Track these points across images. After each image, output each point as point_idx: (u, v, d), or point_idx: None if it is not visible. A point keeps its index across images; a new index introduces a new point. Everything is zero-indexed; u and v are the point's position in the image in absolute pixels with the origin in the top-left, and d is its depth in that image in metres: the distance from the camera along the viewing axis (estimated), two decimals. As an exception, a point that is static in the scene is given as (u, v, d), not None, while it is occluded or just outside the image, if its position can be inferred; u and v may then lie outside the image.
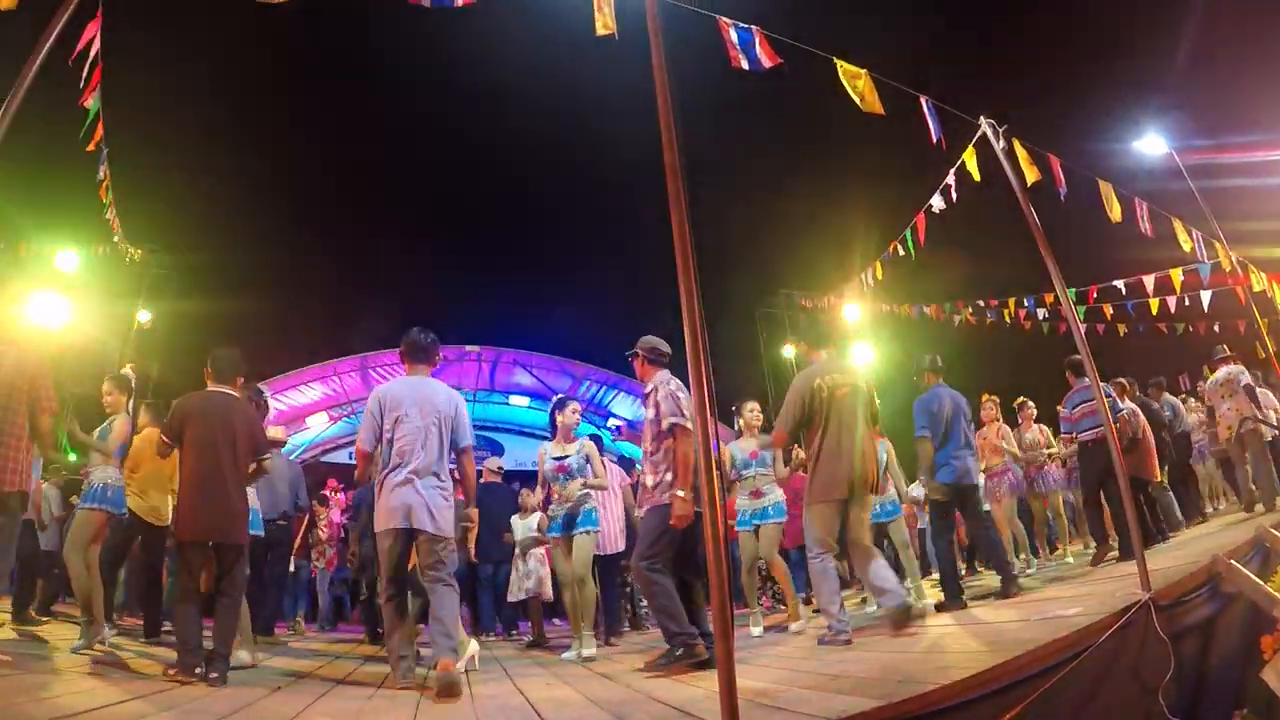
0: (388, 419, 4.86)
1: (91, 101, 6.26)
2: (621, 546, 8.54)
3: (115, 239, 12.18)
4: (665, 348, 5.66)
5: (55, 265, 14.84)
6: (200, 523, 4.90)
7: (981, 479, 8.89)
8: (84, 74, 5.76)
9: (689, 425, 5.18)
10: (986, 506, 8.88)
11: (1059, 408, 8.73)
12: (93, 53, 5.54)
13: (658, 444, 5.40)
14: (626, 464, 11.32)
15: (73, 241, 14.61)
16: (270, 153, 26.82)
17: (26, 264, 14.34)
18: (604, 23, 4.62)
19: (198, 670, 4.53)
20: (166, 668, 4.79)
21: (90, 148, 6.90)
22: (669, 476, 5.24)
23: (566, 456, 7.02)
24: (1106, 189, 6.85)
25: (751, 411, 7.75)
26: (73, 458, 8.93)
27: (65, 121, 6.66)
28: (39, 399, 5.10)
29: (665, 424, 5.32)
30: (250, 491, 5.97)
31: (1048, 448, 9.83)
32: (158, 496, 6.69)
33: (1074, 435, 8.32)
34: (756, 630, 7.32)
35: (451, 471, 5.08)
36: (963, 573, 10.10)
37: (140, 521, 6.68)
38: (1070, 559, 9.66)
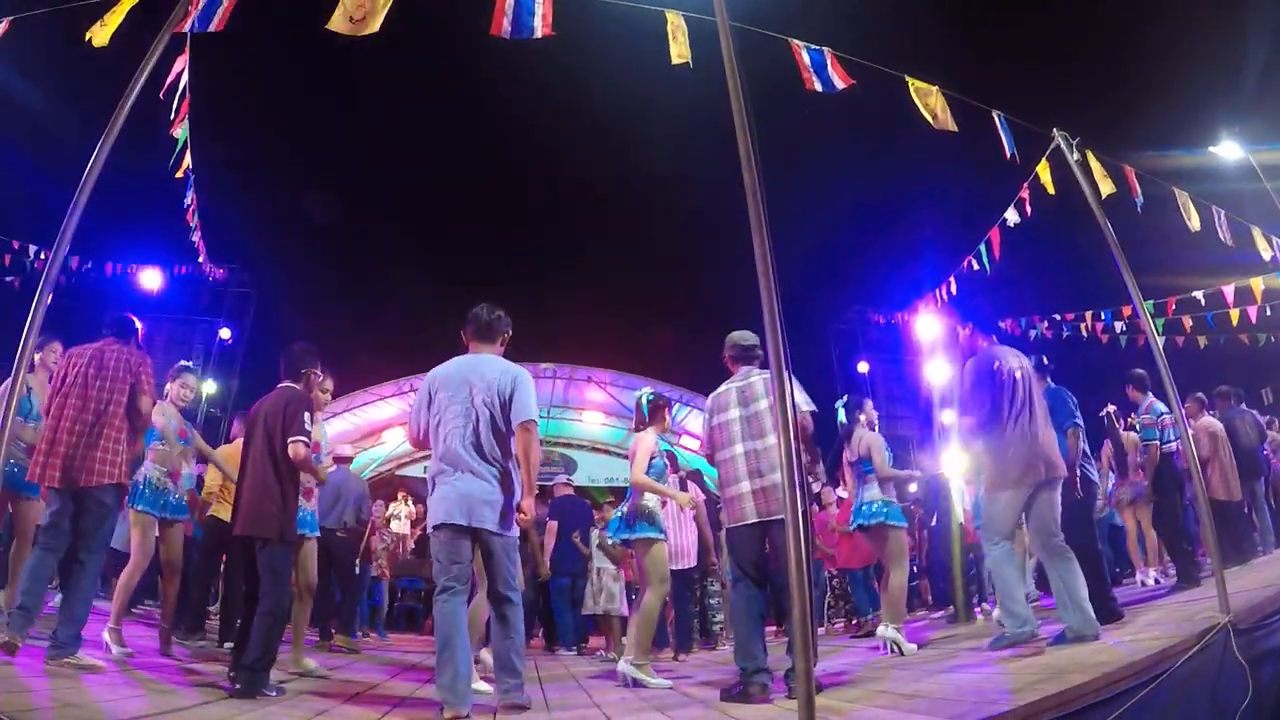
0: (436, 403, 4.51)
1: (180, 131, 6.58)
2: (694, 561, 8.52)
3: (200, 260, 12.66)
4: (745, 341, 5.35)
5: (139, 284, 15.52)
6: (236, 517, 4.94)
7: None
8: (174, 105, 6.06)
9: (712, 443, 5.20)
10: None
11: (1134, 423, 8.49)
12: (181, 85, 5.83)
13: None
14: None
15: (158, 262, 15.27)
16: (349, 174, 27.61)
17: (113, 283, 15.05)
18: (679, 52, 4.71)
19: (240, 687, 4.48)
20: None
21: (179, 174, 7.24)
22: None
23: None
24: (1184, 198, 6.71)
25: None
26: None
27: (155, 150, 7.00)
28: (140, 381, 5.21)
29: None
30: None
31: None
32: None
33: (1160, 444, 7.86)
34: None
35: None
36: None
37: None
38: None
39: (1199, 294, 11.82)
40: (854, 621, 9.61)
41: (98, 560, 5.00)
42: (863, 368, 23.53)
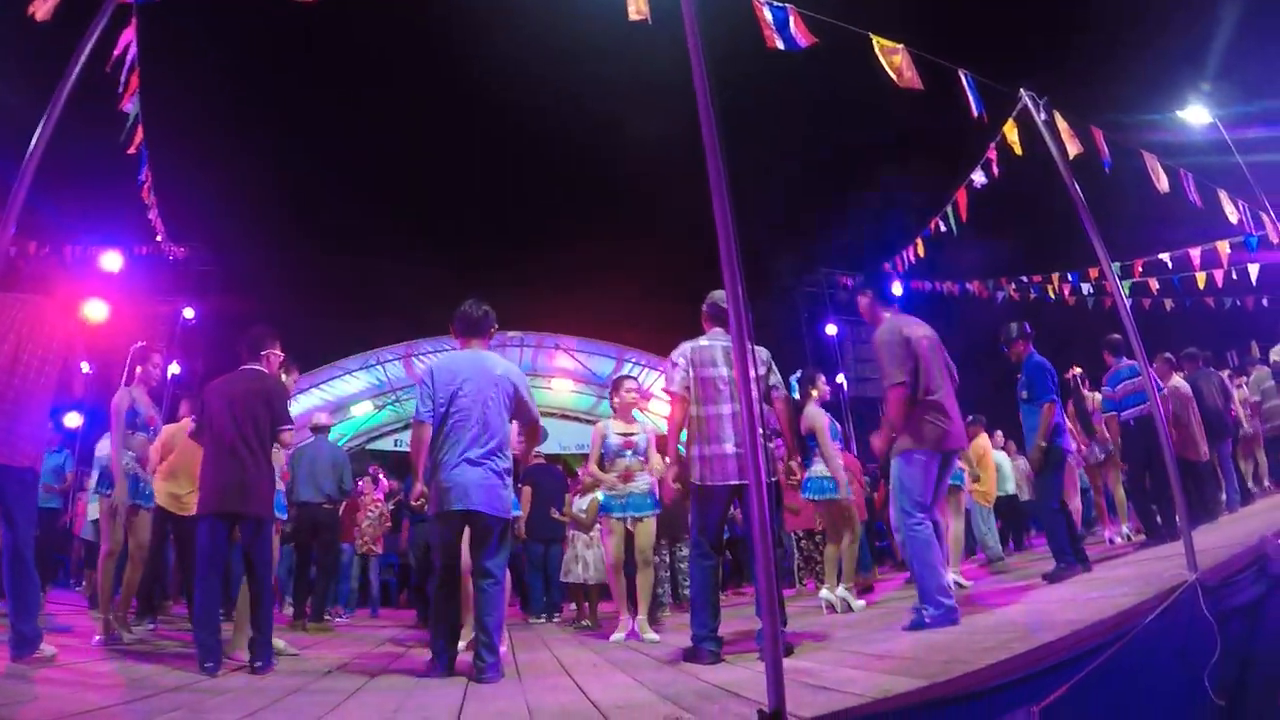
0: (442, 392, 4.70)
1: (131, 106, 6.38)
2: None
3: (158, 239, 12.37)
4: (725, 301, 5.31)
5: (100, 267, 15.20)
6: (215, 494, 4.90)
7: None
8: (122, 79, 5.87)
9: (674, 391, 5.05)
10: None
11: (1102, 386, 8.58)
12: (129, 58, 5.64)
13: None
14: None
15: (117, 243, 14.94)
16: (307, 145, 27.20)
17: (72, 267, 14.71)
18: (637, 8, 4.61)
19: (208, 665, 4.50)
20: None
21: (131, 150, 7.03)
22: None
23: (633, 434, 6.88)
24: (1151, 160, 6.71)
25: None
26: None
27: (106, 126, 6.78)
28: (70, 363, 4.78)
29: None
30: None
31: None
32: (186, 484, 6.38)
33: (1118, 414, 8.14)
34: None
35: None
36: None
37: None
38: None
39: (1165, 256, 11.88)
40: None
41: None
42: (831, 330, 23.56)
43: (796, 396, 7.17)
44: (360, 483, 12.25)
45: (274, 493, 5.22)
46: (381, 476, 13.15)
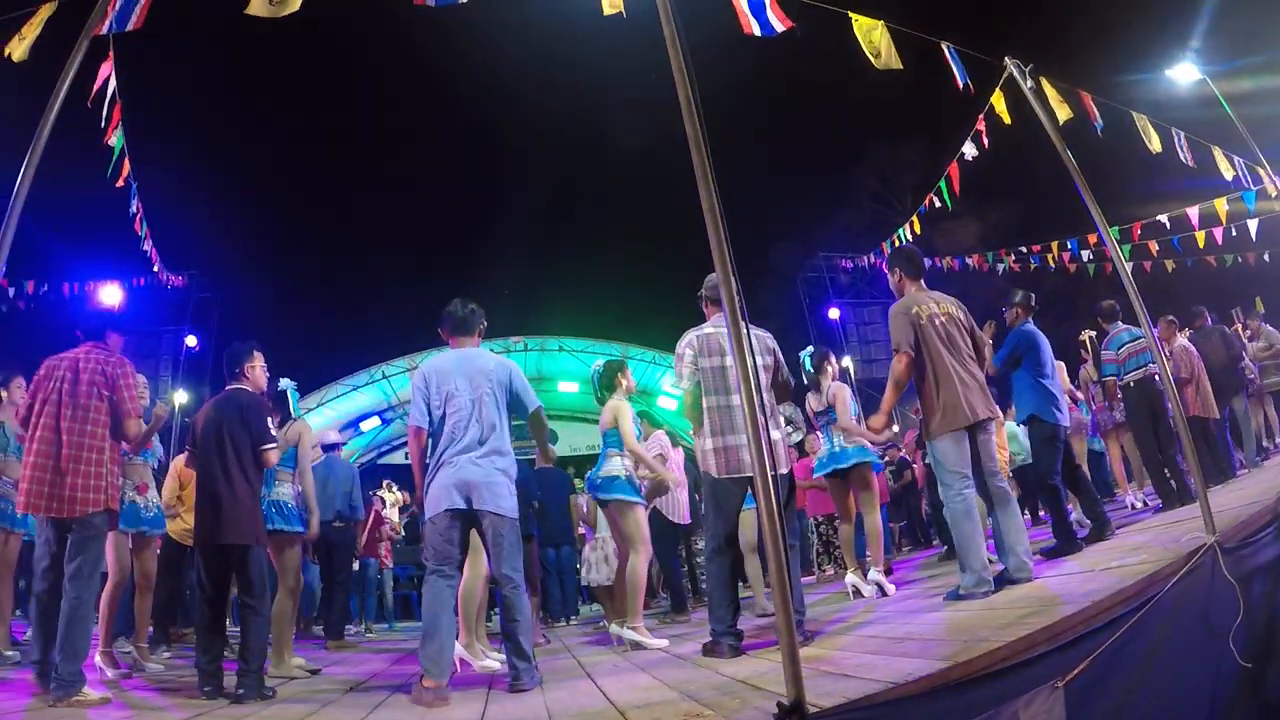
0: (436, 394, 4.63)
1: (115, 138, 6.37)
2: (688, 519, 8.49)
3: (155, 269, 12.39)
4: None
5: (99, 301, 15.24)
6: (198, 526, 4.88)
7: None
8: (104, 113, 5.86)
9: (685, 387, 4.96)
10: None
11: (1102, 351, 8.48)
12: (109, 91, 5.63)
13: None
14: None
15: (115, 276, 14.99)
16: (301, 165, 27.25)
17: (72, 303, 14.76)
18: (611, 2, 4.56)
19: (206, 689, 4.53)
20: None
21: (120, 183, 7.02)
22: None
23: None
24: (1142, 121, 6.65)
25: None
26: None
27: (93, 161, 6.79)
28: (121, 401, 4.69)
29: None
30: (287, 488, 6.05)
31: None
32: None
33: (1120, 377, 7.99)
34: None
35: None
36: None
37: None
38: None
39: (1164, 218, 11.81)
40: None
41: (90, 589, 4.51)
42: (833, 314, 23.59)
43: (811, 370, 7.14)
44: (376, 497, 12.29)
45: (258, 517, 5.06)
46: (396, 490, 13.17)
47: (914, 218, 10.31)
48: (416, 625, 13.12)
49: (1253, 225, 10.87)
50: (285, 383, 6.54)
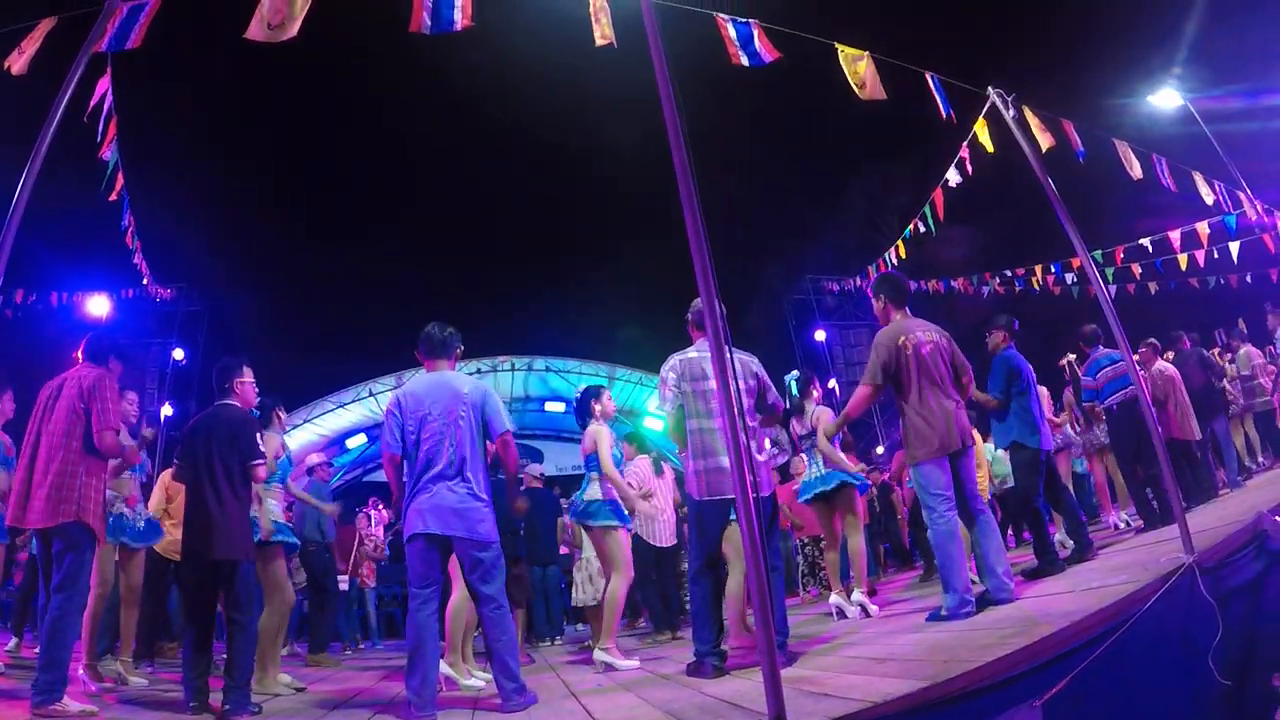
0: (411, 419, 4.59)
1: (110, 153, 6.40)
2: (674, 540, 8.52)
3: (145, 282, 12.40)
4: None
5: (87, 312, 15.22)
6: (185, 540, 4.89)
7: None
8: (100, 128, 5.89)
9: (668, 410, 5.04)
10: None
11: (1081, 376, 8.54)
12: (106, 107, 5.66)
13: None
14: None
15: (104, 288, 14.97)
16: (290, 181, 27.26)
17: (60, 313, 14.73)
18: (602, 33, 4.60)
19: (192, 705, 4.55)
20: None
21: (113, 197, 7.05)
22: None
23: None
24: (1123, 148, 6.75)
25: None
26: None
27: (88, 174, 6.82)
28: (94, 414, 4.61)
29: None
30: (273, 504, 6.11)
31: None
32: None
33: (1101, 401, 8.05)
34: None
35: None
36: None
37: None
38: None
39: (1146, 241, 11.96)
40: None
41: (73, 601, 4.47)
42: (820, 336, 23.73)
43: (796, 394, 7.19)
44: (361, 515, 12.28)
45: (248, 533, 5.08)
46: (381, 508, 13.14)
47: (899, 242, 10.40)
48: (401, 642, 13.12)
49: (1234, 247, 11.01)
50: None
